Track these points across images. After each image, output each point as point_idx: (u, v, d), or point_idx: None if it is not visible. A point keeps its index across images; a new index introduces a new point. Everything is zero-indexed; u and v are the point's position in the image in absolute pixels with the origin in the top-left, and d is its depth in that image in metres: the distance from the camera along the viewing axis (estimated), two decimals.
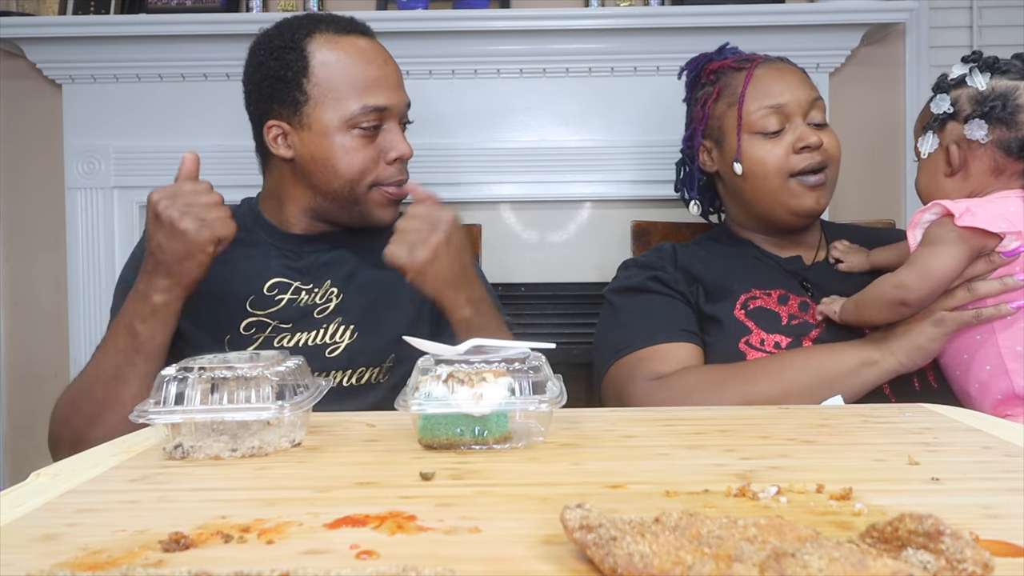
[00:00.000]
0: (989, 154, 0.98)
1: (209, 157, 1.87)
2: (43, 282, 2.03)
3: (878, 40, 1.97)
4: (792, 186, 1.16)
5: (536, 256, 1.98)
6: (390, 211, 1.17)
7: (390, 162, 1.14)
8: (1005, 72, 0.99)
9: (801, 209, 1.17)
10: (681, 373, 1.06)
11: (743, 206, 1.24)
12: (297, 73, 1.11)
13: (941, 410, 0.77)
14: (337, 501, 0.52)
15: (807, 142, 1.14)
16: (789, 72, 1.21)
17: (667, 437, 0.68)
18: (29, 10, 1.96)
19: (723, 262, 1.21)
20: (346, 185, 1.13)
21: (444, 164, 1.93)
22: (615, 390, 1.12)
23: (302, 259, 1.17)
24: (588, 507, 0.42)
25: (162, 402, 0.65)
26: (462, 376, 0.64)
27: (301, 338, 1.10)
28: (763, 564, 0.35)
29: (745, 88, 1.19)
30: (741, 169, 1.19)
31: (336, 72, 1.10)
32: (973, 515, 0.47)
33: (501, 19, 1.87)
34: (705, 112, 1.25)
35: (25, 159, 2.02)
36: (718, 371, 1.06)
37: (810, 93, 1.18)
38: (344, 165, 1.12)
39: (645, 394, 1.05)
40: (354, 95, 1.10)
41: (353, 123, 1.10)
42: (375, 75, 1.12)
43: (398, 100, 1.15)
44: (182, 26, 1.85)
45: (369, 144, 1.12)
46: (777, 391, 1.00)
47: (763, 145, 1.17)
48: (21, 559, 0.43)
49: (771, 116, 1.16)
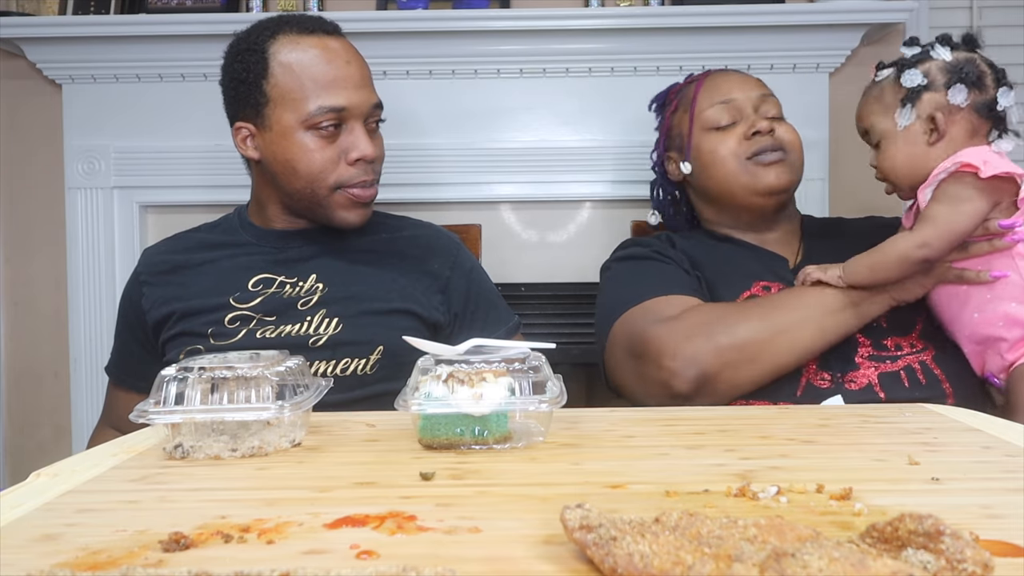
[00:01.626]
0: (966, 117, 1.03)
1: (209, 157, 1.89)
2: (43, 282, 2.03)
3: (878, 40, 1.97)
4: (749, 167, 1.20)
5: (536, 256, 1.98)
6: (355, 213, 1.16)
7: (351, 163, 1.13)
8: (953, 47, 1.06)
9: (762, 186, 1.20)
10: (689, 311, 1.07)
11: (712, 202, 1.28)
12: (257, 75, 1.12)
13: (941, 410, 0.77)
14: (337, 501, 0.52)
15: (756, 127, 1.20)
16: (739, 75, 1.28)
17: (667, 437, 0.68)
18: (29, 10, 1.96)
19: (719, 255, 1.23)
20: (307, 186, 1.13)
21: (444, 164, 1.93)
22: (626, 335, 1.12)
23: (286, 254, 1.18)
24: (588, 507, 0.42)
25: (162, 402, 0.65)
26: (462, 376, 0.64)
27: (284, 329, 1.11)
28: (763, 564, 0.35)
29: (697, 92, 1.26)
30: (689, 168, 1.26)
31: (294, 73, 1.11)
32: (973, 515, 0.47)
33: (501, 19, 1.86)
34: (665, 124, 1.33)
35: (25, 159, 2.02)
36: (723, 307, 1.09)
37: (760, 90, 1.24)
38: (303, 166, 1.12)
39: (657, 332, 1.05)
40: (312, 95, 1.10)
41: (311, 123, 1.11)
42: (333, 75, 1.11)
43: (360, 100, 1.13)
44: (182, 26, 1.84)
45: (329, 145, 1.12)
46: (771, 326, 1.04)
47: (714, 137, 1.23)
48: (21, 559, 0.43)
49: (722, 111, 1.22)
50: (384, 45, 1.85)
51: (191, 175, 1.93)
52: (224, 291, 1.13)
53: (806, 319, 1.04)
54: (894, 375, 1.05)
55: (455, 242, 1.28)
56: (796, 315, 1.04)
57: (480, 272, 1.29)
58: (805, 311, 1.04)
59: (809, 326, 1.03)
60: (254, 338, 1.10)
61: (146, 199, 1.97)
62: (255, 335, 1.10)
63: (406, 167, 1.92)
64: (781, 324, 1.03)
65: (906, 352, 1.08)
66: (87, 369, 1.96)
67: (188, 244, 1.23)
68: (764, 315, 1.05)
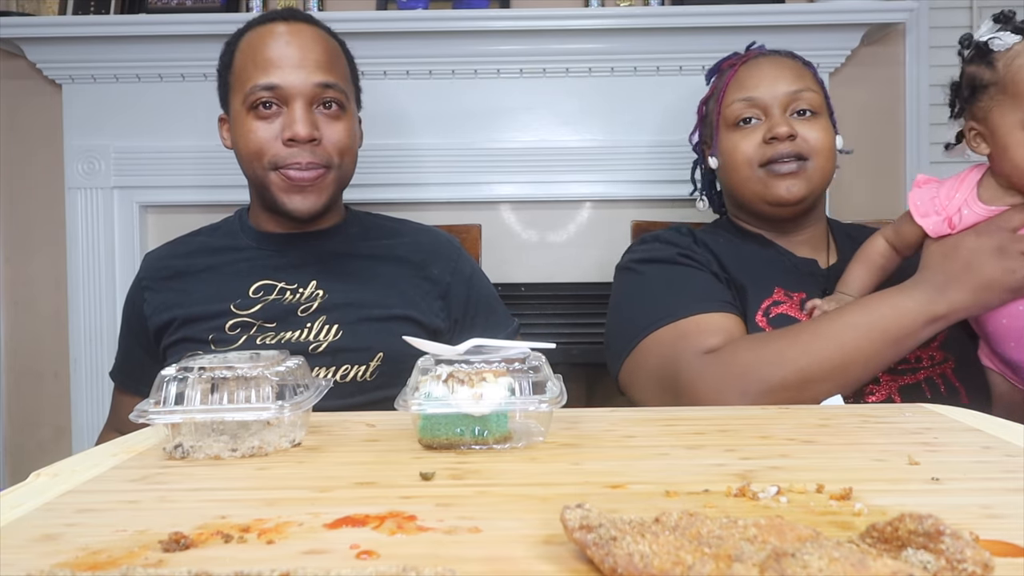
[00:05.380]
0: None
1: (209, 157, 1.89)
2: (43, 282, 2.03)
3: (878, 40, 1.97)
4: (761, 175, 1.15)
5: (536, 256, 1.98)
6: (297, 199, 1.14)
7: (284, 142, 1.12)
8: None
9: (772, 198, 1.14)
10: (733, 348, 0.99)
11: (731, 199, 1.25)
12: (225, 67, 1.18)
13: (941, 410, 0.77)
14: (337, 501, 0.52)
15: (774, 133, 1.12)
16: (775, 65, 1.19)
17: (667, 437, 0.68)
18: (29, 10, 1.97)
19: (743, 254, 1.17)
20: (249, 168, 1.16)
21: (444, 164, 1.93)
22: (657, 360, 1.05)
23: (286, 259, 1.18)
24: (588, 507, 0.42)
25: (162, 402, 0.65)
26: (462, 376, 0.64)
27: (284, 336, 1.11)
28: (763, 564, 0.35)
29: (727, 83, 1.20)
30: (716, 163, 1.22)
31: (242, 58, 1.15)
32: (973, 515, 0.47)
33: (501, 19, 1.87)
34: (701, 110, 1.28)
35: (25, 159, 2.02)
36: (773, 342, 0.98)
37: (794, 85, 1.16)
38: (243, 145, 1.15)
39: (699, 370, 0.98)
40: (251, 76, 1.13)
41: (249, 103, 1.13)
42: (270, 55, 1.13)
43: (296, 79, 1.12)
44: (182, 26, 1.85)
45: (266, 125, 1.13)
46: (838, 358, 0.93)
47: (736, 136, 1.17)
48: (21, 559, 0.43)
49: (745, 108, 1.16)
50: (384, 45, 1.85)
51: (191, 175, 1.93)
52: (225, 297, 1.14)
53: (862, 349, 0.94)
54: (915, 387, 1.02)
55: (455, 247, 1.28)
56: (845, 354, 0.93)
57: (480, 277, 1.28)
58: (859, 345, 0.94)
59: (863, 356, 0.94)
60: (254, 345, 1.10)
61: (146, 199, 1.98)
62: (255, 342, 1.10)
63: (406, 167, 1.92)
64: (834, 361, 0.93)
65: (926, 364, 1.05)
66: (87, 369, 1.96)
67: (189, 248, 1.23)
68: (814, 350, 0.94)
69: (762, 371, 0.95)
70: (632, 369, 1.09)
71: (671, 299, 1.08)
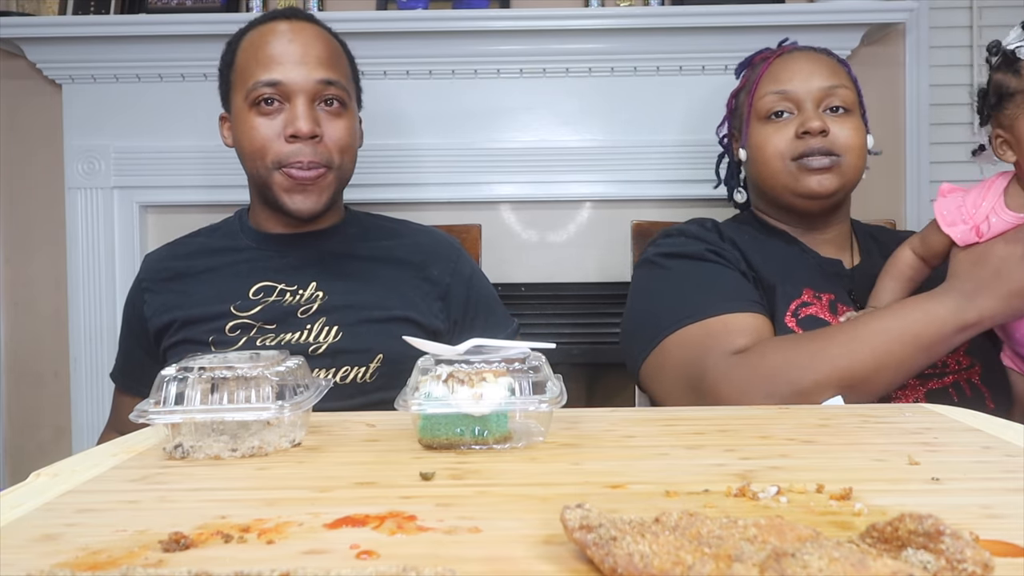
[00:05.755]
0: None
1: (209, 157, 1.89)
2: (43, 282, 2.03)
3: (878, 40, 1.97)
4: (792, 169, 1.14)
5: (536, 256, 1.98)
6: (300, 198, 1.14)
7: (287, 139, 1.12)
8: None
9: (803, 190, 1.13)
10: (761, 349, 0.98)
11: (758, 192, 1.24)
12: (227, 65, 1.19)
13: (941, 410, 0.77)
14: (337, 501, 0.52)
15: (806, 127, 1.12)
16: (809, 60, 1.18)
17: (667, 437, 0.68)
18: (29, 10, 1.96)
19: (768, 251, 1.16)
20: (252, 166, 1.16)
21: (444, 164, 1.93)
22: (683, 359, 1.03)
23: (286, 260, 1.18)
24: (588, 507, 0.42)
25: (162, 402, 0.65)
26: (462, 376, 0.64)
27: (284, 338, 1.11)
28: (763, 564, 0.35)
29: (760, 76, 1.19)
30: (745, 155, 1.21)
31: (244, 56, 1.16)
32: (973, 515, 0.47)
33: (501, 19, 1.87)
34: (730, 103, 1.27)
35: (25, 159, 2.02)
36: (804, 344, 0.96)
37: (828, 80, 1.15)
38: (246, 143, 1.15)
39: (725, 371, 0.97)
40: (253, 73, 1.13)
41: (251, 99, 1.13)
42: (272, 52, 1.13)
43: (298, 76, 1.12)
44: (182, 26, 1.85)
45: (269, 121, 1.13)
46: (872, 363, 0.92)
47: (768, 129, 1.16)
48: (21, 559, 0.43)
49: (777, 102, 1.15)
50: (384, 45, 1.85)
51: (191, 175, 1.93)
52: (225, 299, 1.14)
53: (895, 354, 0.93)
54: (942, 391, 1.01)
55: (455, 248, 1.28)
56: (879, 359, 0.92)
57: (480, 278, 1.28)
58: (891, 349, 0.93)
59: (895, 361, 0.93)
60: (254, 346, 1.10)
61: (146, 199, 1.98)
62: (255, 343, 1.10)
63: (406, 167, 1.92)
64: (867, 366, 0.92)
65: (953, 368, 1.05)
66: (87, 369, 1.96)
67: (189, 250, 1.23)
68: (847, 353, 0.93)
69: (791, 374, 0.93)
70: (655, 366, 1.08)
71: (699, 297, 1.07)
